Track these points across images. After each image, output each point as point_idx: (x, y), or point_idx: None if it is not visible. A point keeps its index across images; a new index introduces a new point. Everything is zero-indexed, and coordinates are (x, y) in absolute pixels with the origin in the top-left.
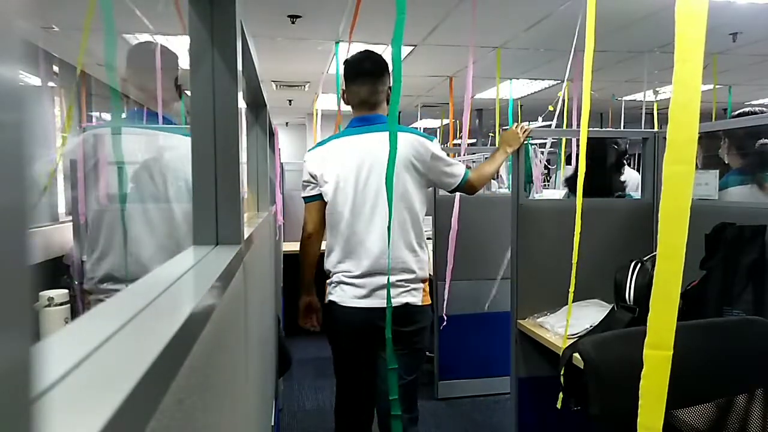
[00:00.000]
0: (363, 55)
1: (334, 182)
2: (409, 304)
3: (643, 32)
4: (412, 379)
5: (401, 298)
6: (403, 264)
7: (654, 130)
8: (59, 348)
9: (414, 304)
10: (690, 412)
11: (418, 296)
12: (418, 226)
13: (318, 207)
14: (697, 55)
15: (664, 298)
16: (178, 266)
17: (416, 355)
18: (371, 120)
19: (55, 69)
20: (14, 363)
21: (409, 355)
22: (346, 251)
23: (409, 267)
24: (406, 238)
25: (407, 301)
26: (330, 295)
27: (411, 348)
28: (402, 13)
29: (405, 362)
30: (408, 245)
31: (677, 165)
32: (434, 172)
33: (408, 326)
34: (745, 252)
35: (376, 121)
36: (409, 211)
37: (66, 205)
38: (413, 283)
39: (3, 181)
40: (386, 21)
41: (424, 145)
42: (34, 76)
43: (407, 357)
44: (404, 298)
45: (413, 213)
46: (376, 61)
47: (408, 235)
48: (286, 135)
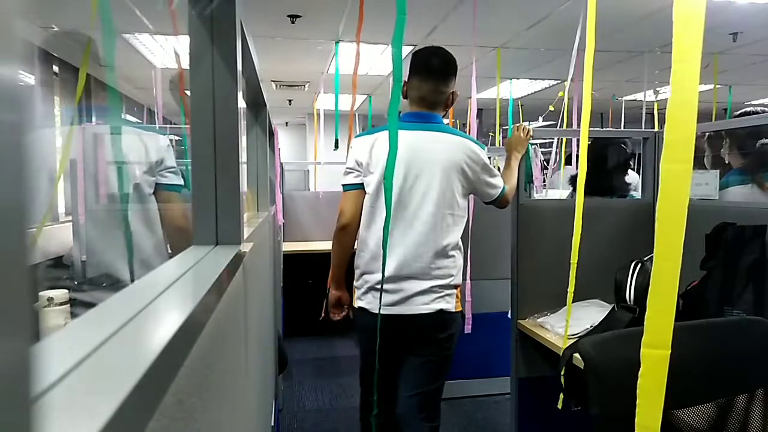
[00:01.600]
0: (432, 50)
1: (380, 174)
2: (443, 311)
3: (643, 32)
4: (437, 387)
5: (435, 304)
6: (438, 269)
7: (654, 130)
8: (59, 348)
9: (448, 310)
10: (690, 412)
11: (452, 302)
12: (457, 231)
13: (358, 196)
14: (695, 55)
15: (661, 298)
16: (177, 266)
17: (444, 362)
18: (426, 117)
19: (55, 69)
20: (14, 363)
21: (436, 362)
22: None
23: (445, 272)
24: (441, 242)
25: (441, 307)
26: (360, 300)
27: (440, 355)
28: (402, 13)
29: (431, 369)
30: (442, 251)
31: (675, 164)
32: (480, 182)
33: (441, 333)
34: (745, 252)
35: (431, 119)
36: (453, 216)
37: (65, 205)
38: (447, 288)
39: (3, 181)
40: (385, 21)
41: (476, 153)
42: (34, 76)
43: (434, 364)
44: (438, 304)
45: (456, 218)
46: (445, 60)
47: (444, 239)
48: (286, 135)
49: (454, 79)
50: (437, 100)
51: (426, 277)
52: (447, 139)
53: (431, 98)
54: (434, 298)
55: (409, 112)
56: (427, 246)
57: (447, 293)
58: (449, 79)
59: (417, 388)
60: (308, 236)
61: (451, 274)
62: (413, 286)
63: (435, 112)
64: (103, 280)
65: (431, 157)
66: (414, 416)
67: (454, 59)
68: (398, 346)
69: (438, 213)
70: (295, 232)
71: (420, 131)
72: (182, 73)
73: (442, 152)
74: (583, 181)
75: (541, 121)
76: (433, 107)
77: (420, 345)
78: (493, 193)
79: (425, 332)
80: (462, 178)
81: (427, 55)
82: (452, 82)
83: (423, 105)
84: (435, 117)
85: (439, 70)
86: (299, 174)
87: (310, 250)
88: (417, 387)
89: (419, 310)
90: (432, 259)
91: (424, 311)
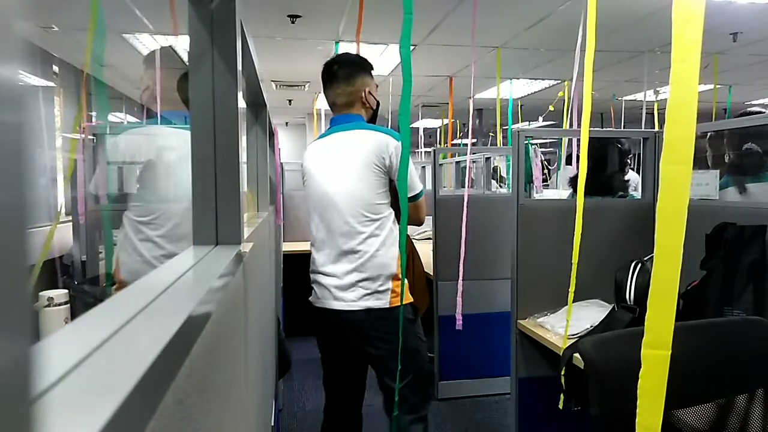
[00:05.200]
0: (333, 59)
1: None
2: (371, 309)
3: (643, 32)
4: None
5: (363, 302)
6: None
7: (654, 130)
8: (59, 348)
9: (377, 308)
10: (690, 412)
11: (384, 299)
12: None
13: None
14: (695, 55)
15: (662, 298)
16: (178, 266)
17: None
18: (338, 120)
19: (55, 69)
20: (14, 363)
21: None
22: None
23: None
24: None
25: (369, 305)
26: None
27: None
28: (409, 12)
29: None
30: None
31: (674, 164)
32: (393, 172)
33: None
34: (745, 252)
35: (344, 121)
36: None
37: (66, 204)
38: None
39: (3, 181)
40: (385, 21)
41: (387, 144)
42: (34, 76)
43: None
44: (366, 302)
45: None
46: (344, 62)
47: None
48: (286, 135)
49: (364, 77)
50: (346, 101)
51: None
52: (356, 135)
53: (339, 101)
54: (361, 295)
55: (331, 119)
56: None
57: (377, 289)
58: (351, 78)
59: (388, 383)
60: (308, 236)
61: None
62: (341, 282)
63: (353, 112)
64: (103, 279)
65: (342, 154)
66: (392, 410)
67: (357, 59)
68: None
69: (351, 205)
70: (295, 232)
71: (335, 134)
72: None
73: (351, 147)
74: (583, 181)
75: (541, 121)
76: (348, 108)
77: (365, 341)
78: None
79: (360, 329)
80: (370, 170)
81: (328, 65)
82: (358, 81)
83: (336, 110)
84: (350, 117)
85: (337, 74)
86: (299, 174)
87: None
88: (387, 382)
89: (347, 306)
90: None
91: (351, 308)
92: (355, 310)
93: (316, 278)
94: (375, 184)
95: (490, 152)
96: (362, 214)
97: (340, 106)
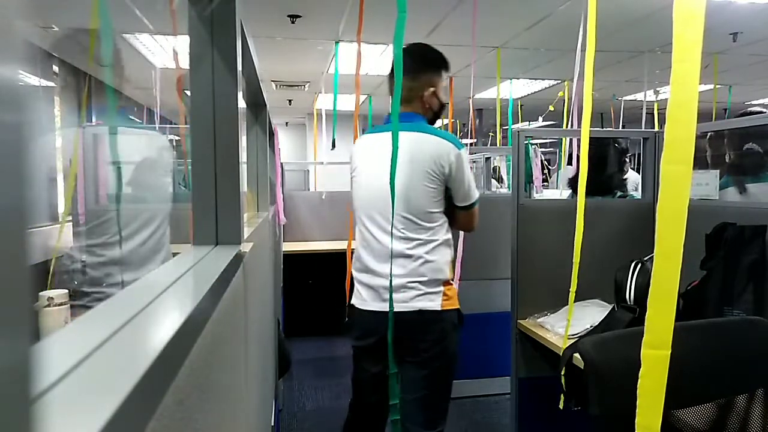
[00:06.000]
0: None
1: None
2: (423, 310)
3: (643, 32)
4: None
5: (415, 303)
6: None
7: (654, 130)
8: (59, 348)
9: (429, 309)
10: (690, 412)
11: (436, 300)
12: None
13: None
14: (695, 55)
15: (662, 298)
16: (177, 266)
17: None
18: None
19: (55, 69)
20: (14, 363)
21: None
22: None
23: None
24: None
25: (421, 306)
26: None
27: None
28: (403, 11)
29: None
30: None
31: (675, 164)
32: (451, 180)
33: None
34: (745, 252)
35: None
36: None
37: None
38: (428, 285)
39: (3, 181)
40: (385, 21)
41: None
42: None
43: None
44: (419, 303)
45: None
46: (413, 55)
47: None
48: (286, 135)
49: (432, 75)
50: (404, 96)
51: (401, 275)
52: (414, 138)
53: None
54: (413, 296)
55: (388, 114)
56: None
57: (428, 291)
58: (419, 75)
59: (411, 393)
60: (308, 236)
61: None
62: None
63: (412, 109)
64: (104, 279)
65: (403, 159)
66: (411, 422)
67: (430, 53)
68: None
69: (403, 211)
70: (295, 232)
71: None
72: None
73: (414, 153)
74: (584, 180)
75: (541, 121)
76: (406, 104)
77: (405, 346)
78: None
79: (405, 332)
80: (426, 178)
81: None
82: (425, 79)
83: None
84: (409, 116)
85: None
86: (299, 174)
87: (311, 250)
88: (411, 392)
89: (396, 307)
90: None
91: (401, 309)
92: (407, 311)
93: (362, 278)
94: (431, 192)
95: (490, 152)
96: (412, 221)
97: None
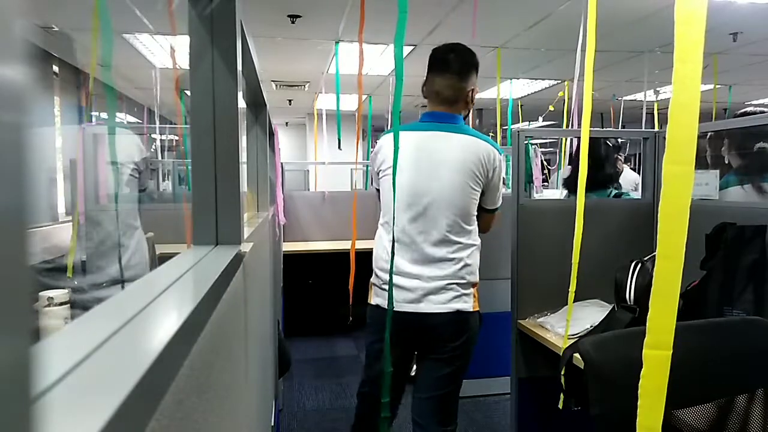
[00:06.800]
0: (450, 47)
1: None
2: (460, 311)
3: (643, 32)
4: (452, 390)
5: (453, 304)
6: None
7: (654, 130)
8: (59, 348)
9: (464, 310)
10: (690, 412)
11: (469, 302)
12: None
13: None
14: (697, 56)
15: (663, 298)
16: (177, 266)
17: (460, 365)
18: (442, 117)
19: (55, 69)
20: (14, 363)
21: (452, 364)
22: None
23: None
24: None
25: (458, 307)
26: (376, 297)
27: (456, 357)
28: (404, 11)
29: (447, 372)
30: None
31: (677, 165)
32: (489, 186)
33: (456, 333)
34: (745, 252)
35: (448, 119)
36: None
37: (66, 204)
38: (464, 288)
39: (3, 181)
40: (385, 21)
41: (490, 156)
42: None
43: (450, 366)
44: (455, 304)
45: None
46: (463, 56)
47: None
48: (286, 135)
49: (474, 76)
50: (455, 96)
51: (441, 277)
52: (461, 140)
53: (446, 93)
54: (451, 298)
55: (427, 112)
56: (440, 247)
57: (464, 293)
58: (467, 75)
59: (431, 391)
60: (308, 236)
61: (466, 273)
62: (428, 285)
63: (454, 110)
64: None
65: (442, 158)
66: (428, 420)
67: (473, 56)
68: (412, 345)
69: (450, 214)
70: (295, 232)
71: (434, 131)
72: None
73: (455, 153)
74: (584, 180)
75: (541, 121)
76: (452, 105)
77: (435, 346)
78: (493, 202)
79: (440, 332)
80: (473, 181)
81: (444, 52)
82: (471, 79)
83: (440, 102)
84: (454, 117)
85: (455, 65)
86: (299, 174)
87: (311, 250)
88: (431, 389)
89: (434, 309)
90: (446, 259)
91: (440, 311)
92: (445, 312)
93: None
94: (473, 195)
95: None
96: (458, 224)
97: (443, 100)
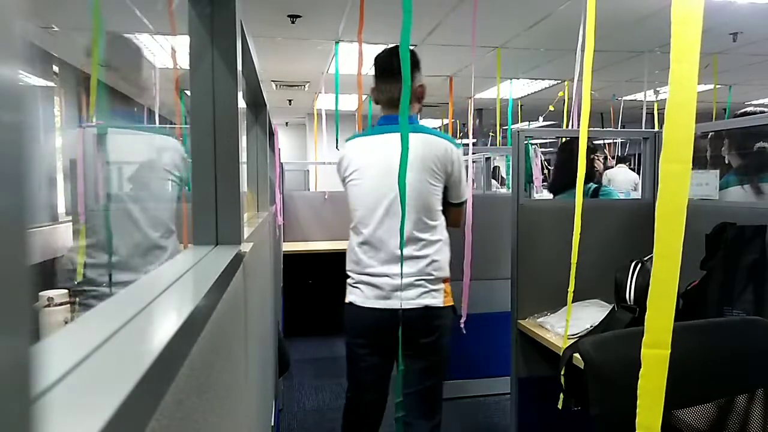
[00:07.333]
0: (390, 50)
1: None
2: (428, 306)
3: (643, 32)
4: (432, 384)
5: (421, 300)
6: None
7: (654, 130)
8: (59, 348)
9: (433, 305)
10: (690, 412)
11: (439, 297)
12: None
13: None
14: (693, 55)
15: (661, 298)
16: (177, 266)
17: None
18: (394, 120)
19: (55, 69)
20: (14, 363)
21: (428, 359)
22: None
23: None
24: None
25: (427, 303)
26: (349, 295)
27: (431, 352)
28: (408, 12)
29: (423, 367)
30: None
31: (674, 164)
32: (450, 180)
33: (427, 329)
34: (745, 252)
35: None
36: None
37: (66, 204)
38: (432, 283)
39: (3, 181)
40: (385, 21)
41: (448, 151)
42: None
43: (426, 361)
44: (424, 300)
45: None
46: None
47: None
48: (286, 135)
49: (418, 73)
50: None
51: (409, 274)
52: (418, 139)
53: (398, 96)
54: (419, 294)
55: (383, 116)
56: (407, 245)
57: (433, 288)
58: (412, 75)
59: (411, 387)
60: (308, 236)
61: (433, 269)
62: (397, 282)
63: (411, 112)
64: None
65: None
66: (412, 415)
67: (414, 55)
68: (388, 343)
69: (413, 212)
70: (295, 232)
71: (391, 134)
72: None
73: (413, 152)
74: (582, 180)
75: (541, 121)
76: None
77: (407, 341)
78: (457, 195)
79: (410, 328)
80: (432, 177)
81: (387, 58)
82: (417, 78)
83: (393, 105)
84: (410, 119)
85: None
86: (299, 174)
87: (310, 250)
88: (411, 385)
89: (404, 305)
90: (413, 257)
91: (409, 306)
92: (415, 307)
93: (363, 279)
94: (435, 191)
95: (490, 152)
96: (422, 220)
97: (396, 102)
